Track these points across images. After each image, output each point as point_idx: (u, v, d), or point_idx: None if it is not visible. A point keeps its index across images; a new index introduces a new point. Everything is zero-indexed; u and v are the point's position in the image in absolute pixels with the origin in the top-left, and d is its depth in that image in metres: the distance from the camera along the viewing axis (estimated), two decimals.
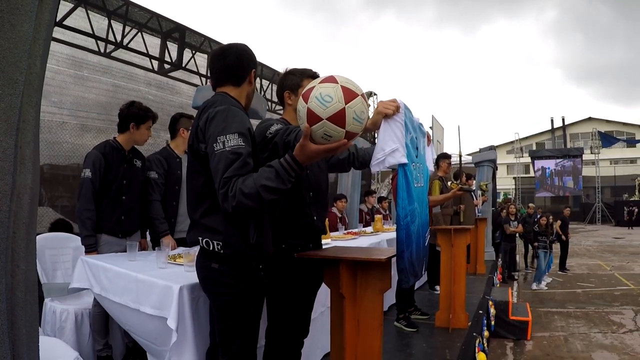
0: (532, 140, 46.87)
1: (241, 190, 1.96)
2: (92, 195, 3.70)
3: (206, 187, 2.19)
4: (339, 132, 1.94)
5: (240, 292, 2.22)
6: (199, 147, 2.19)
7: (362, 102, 1.97)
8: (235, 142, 2.05)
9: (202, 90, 4.85)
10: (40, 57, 1.19)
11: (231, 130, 2.07)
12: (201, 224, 2.23)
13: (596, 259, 15.12)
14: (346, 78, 2.02)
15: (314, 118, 1.94)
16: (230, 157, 2.01)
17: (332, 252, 2.67)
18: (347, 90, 1.95)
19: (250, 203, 1.97)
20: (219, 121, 2.10)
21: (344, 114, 1.92)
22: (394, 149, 2.26)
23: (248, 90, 2.43)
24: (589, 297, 10.38)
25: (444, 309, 5.15)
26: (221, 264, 2.21)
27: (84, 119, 7.84)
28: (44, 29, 1.20)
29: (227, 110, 2.14)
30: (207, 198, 2.20)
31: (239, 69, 2.39)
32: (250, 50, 2.42)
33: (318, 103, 1.93)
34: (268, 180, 1.97)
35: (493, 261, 10.44)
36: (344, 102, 1.92)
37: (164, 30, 9.01)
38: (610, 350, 6.79)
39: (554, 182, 37.50)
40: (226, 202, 2.00)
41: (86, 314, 3.82)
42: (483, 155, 11.06)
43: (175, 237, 4.11)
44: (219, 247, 2.18)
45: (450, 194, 5.61)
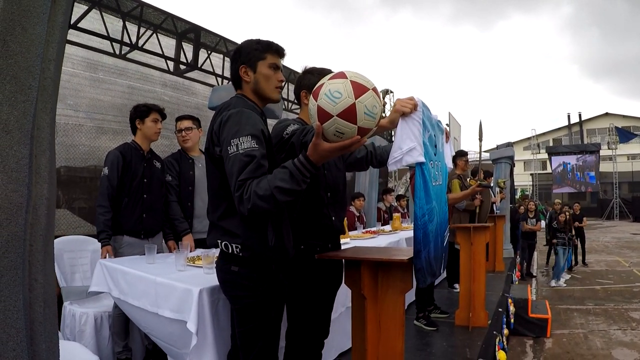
0: (549, 137, 46.47)
1: (256, 192, 1.94)
2: (107, 192, 3.75)
3: (222, 189, 2.18)
4: (351, 128, 1.90)
5: (260, 294, 2.21)
6: (214, 151, 2.18)
7: (373, 97, 1.93)
8: (249, 145, 2.03)
9: (218, 91, 4.85)
10: (54, 61, 1.15)
11: (244, 133, 2.06)
12: (220, 226, 2.23)
13: (614, 255, 14.94)
14: (356, 73, 1.98)
15: (324, 115, 1.90)
16: (244, 160, 2.01)
17: (352, 252, 2.65)
18: (357, 84, 1.91)
19: (265, 205, 1.96)
20: (232, 124, 2.09)
21: (354, 109, 1.87)
22: (412, 148, 2.22)
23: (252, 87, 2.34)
24: (608, 294, 10.25)
25: (464, 308, 5.12)
26: (241, 267, 2.20)
27: (100, 121, 7.87)
28: (57, 32, 1.16)
29: (240, 113, 2.12)
30: (224, 201, 2.20)
31: (234, 72, 2.38)
32: (239, 47, 2.38)
33: (327, 100, 1.89)
34: (282, 182, 1.94)
35: (512, 258, 10.36)
36: (353, 97, 1.87)
37: (179, 31, 9.02)
38: (631, 347, 6.71)
39: (577, 177, 37.14)
40: (242, 205, 1.99)
41: (105, 317, 3.83)
42: (500, 152, 10.97)
43: (194, 238, 4.12)
44: (237, 250, 2.17)
45: (469, 190, 5.56)
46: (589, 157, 36.40)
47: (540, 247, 14.88)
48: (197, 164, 4.28)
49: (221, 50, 9.97)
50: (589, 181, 36.62)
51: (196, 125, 4.38)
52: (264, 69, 2.31)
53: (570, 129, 45.73)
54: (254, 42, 2.33)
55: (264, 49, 2.31)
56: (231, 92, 4.61)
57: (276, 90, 2.38)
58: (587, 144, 39.72)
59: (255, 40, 2.34)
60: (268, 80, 2.33)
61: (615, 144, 36.52)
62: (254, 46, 2.31)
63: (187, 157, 4.30)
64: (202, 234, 4.20)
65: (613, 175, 36.42)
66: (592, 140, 41.95)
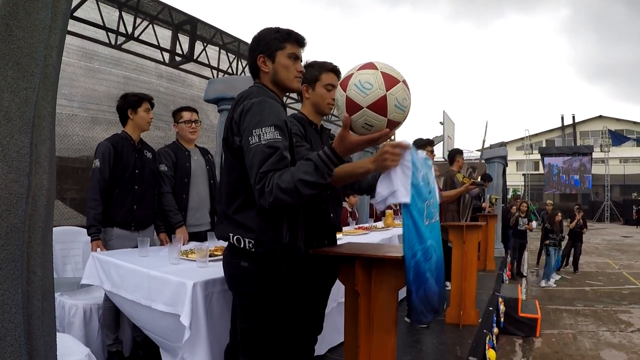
0: (542, 137, 46.59)
1: (278, 185, 1.87)
2: (98, 185, 3.69)
3: (240, 181, 2.11)
4: (380, 121, 1.88)
5: (270, 292, 2.15)
6: (234, 141, 2.10)
7: (403, 89, 1.90)
8: (272, 136, 1.96)
9: (215, 83, 4.83)
10: (56, 48, 1.12)
11: (267, 123, 1.98)
12: (234, 219, 2.14)
13: (605, 257, 15.04)
14: (385, 64, 1.95)
15: (353, 107, 1.87)
16: (266, 151, 1.93)
17: (347, 249, 2.64)
18: (388, 76, 1.88)
19: (288, 198, 1.89)
20: (255, 113, 2.01)
21: (385, 102, 1.85)
22: (393, 191, 2.14)
23: (271, 77, 2.27)
24: (597, 296, 10.33)
25: (455, 306, 5.13)
26: (251, 263, 2.14)
27: (95, 112, 7.84)
28: (60, 18, 1.13)
29: (263, 102, 2.05)
30: (241, 193, 2.12)
31: (252, 61, 2.30)
32: (258, 35, 2.28)
33: (357, 91, 1.86)
34: (306, 175, 1.88)
35: (502, 257, 10.40)
36: (384, 88, 1.85)
37: (176, 22, 9.00)
38: (619, 348, 6.77)
39: (562, 180, 37.34)
40: (262, 198, 1.92)
41: (95, 309, 3.80)
42: (494, 152, 11.02)
43: (187, 232, 4.08)
44: (250, 245, 2.10)
45: (462, 188, 5.59)
46: (575, 160, 36.56)
47: (531, 247, 14.93)
48: (193, 156, 4.26)
49: (217, 42, 9.95)
50: (573, 184, 36.80)
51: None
52: (282, 59, 2.23)
53: (563, 131, 45.86)
54: (273, 31, 2.25)
55: (284, 39, 2.24)
56: (228, 84, 4.64)
57: (296, 79, 2.30)
58: (580, 146, 39.87)
59: (274, 29, 2.26)
60: (287, 70, 2.25)
61: (608, 147, 36.71)
62: (273, 35, 2.24)
63: (183, 148, 4.26)
64: (196, 227, 4.19)
65: (605, 177, 36.63)
66: (585, 142, 42.13)
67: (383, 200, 2.17)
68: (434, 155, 5.67)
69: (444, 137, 16.32)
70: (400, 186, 2.13)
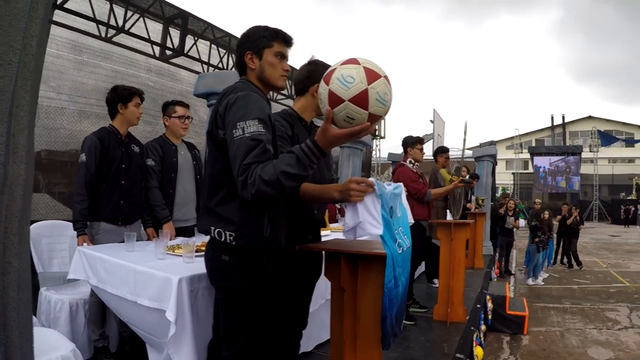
0: (532, 137, 46.83)
1: (261, 177, 1.90)
2: (84, 180, 3.65)
3: (223, 174, 2.13)
4: (361, 114, 1.89)
5: (251, 286, 2.18)
6: (218, 134, 2.12)
7: (385, 84, 1.92)
8: (255, 129, 1.99)
9: (204, 78, 4.79)
10: (37, 38, 1.10)
11: (251, 116, 2.01)
12: (215, 212, 2.16)
13: (592, 256, 15.16)
14: (368, 59, 1.97)
15: (335, 100, 1.89)
16: (250, 144, 1.96)
17: (333, 245, 2.64)
18: (370, 71, 1.90)
19: (271, 190, 1.91)
20: (239, 107, 2.04)
21: (366, 95, 1.87)
22: (359, 222, 2.16)
23: (257, 74, 2.29)
24: (584, 294, 10.42)
25: (443, 303, 5.15)
26: (232, 257, 2.15)
27: (83, 105, 7.77)
28: (42, 7, 1.11)
29: (247, 96, 2.08)
30: (223, 186, 2.14)
31: (239, 57, 2.33)
32: (246, 32, 2.31)
33: (340, 84, 1.88)
34: (289, 167, 1.90)
35: (491, 255, 10.45)
36: (366, 82, 1.87)
37: (167, 16, 8.94)
38: (605, 346, 6.83)
39: (548, 181, 37.64)
40: (245, 190, 1.94)
41: (81, 304, 3.77)
42: (483, 150, 11.03)
43: (174, 227, 4.05)
44: (231, 238, 2.11)
45: (451, 186, 5.60)
46: (561, 162, 36.85)
47: (520, 245, 15.01)
48: (180, 151, 4.23)
49: (208, 37, 9.90)
50: (557, 185, 37.12)
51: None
52: (269, 56, 2.27)
53: (553, 131, 46.14)
54: (262, 29, 2.28)
55: (271, 37, 2.27)
56: (218, 79, 4.61)
57: (281, 78, 2.33)
58: (569, 145, 40.16)
59: (263, 27, 2.29)
60: (274, 68, 2.29)
61: (597, 147, 37.00)
62: (262, 33, 2.27)
63: (170, 143, 4.22)
64: (182, 222, 4.17)
65: (594, 177, 36.92)
66: (575, 142, 42.42)
67: (351, 230, 2.21)
68: (423, 153, 5.67)
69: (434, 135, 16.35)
70: (368, 217, 2.16)
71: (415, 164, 5.51)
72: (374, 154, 24.21)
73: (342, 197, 2.22)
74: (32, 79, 1.13)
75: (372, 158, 23.50)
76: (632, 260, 15.42)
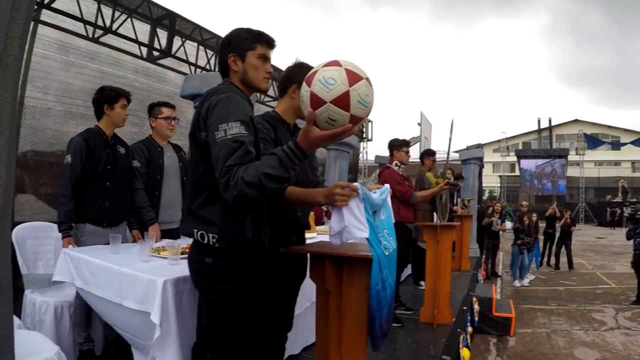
0: (519, 140, 47.10)
1: (243, 179, 1.90)
2: (70, 181, 3.63)
3: (206, 176, 2.13)
4: (343, 115, 1.90)
5: (233, 288, 2.17)
6: (200, 136, 2.13)
7: (366, 85, 1.93)
8: (238, 130, 1.99)
9: (191, 79, 4.79)
10: (19, 39, 1.10)
11: (233, 118, 2.01)
12: (198, 214, 2.16)
13: (578, 258, 15.25)
14: (350, 62, 1.98)
15: (317, 102, 1.90)
16: (232, 146, 1.96)
17: (317, 247, 2.64)
18: (351, 73, 1.91)
19: (253, 192, 1.92)
20: (221, 109, 2.04)
21: (348, 97, 1.88)
22: (345, 226, 2.19)
23: (240, 76, 2.30)
24: (571, 295, 10.48)
25: (429, 305, 5.16)
26: (215, 259, 2.15)
27: (69, 106, 7.71)
28: (24, 8, 1.11)
29: (230, 98, 2.08)
30: (206, 188, 2.15)
31: (222, 59, 2.34)
32: (229, 35, 2.32)
33: (321, 86, 1.89)
34: (271, 168, 1.91)
35: (477, 258, 10.48)
36: (348, 84, 1.88)
37: (155, 17, 8.91)
38: (592, 347, 6.87)
39: (534, 184, 37.95)
40: (227, 192, 1.94)
41: (66, 306, 3.75)
42: (470, 153, 11.07)
43: (159, 229, 4.04)
44: (214, 240, 2.11)
45: (437, 188, 5.62)
46: (547, 166, 37.19)
47: (506, 247, 15.08)
48: (166, 153, 4.22)
49: (196, 38, 9.88)
50: (545, 189, 37.48)
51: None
52: (253, 59, 2.28)
53: (540, 134, 46.42)
54: (245, 32, 2.29)
55: (255, 39, 2.28)
56: (204, 81, 4.60)
57: (265, 80, 2.35)
58: (556, 148, 40.51)
59: (245, 30, 2.30)
60: (257, 71, 2.30)
61: (583, 150, 37.33)
62: (245, 35, 2.28)
63: (156, 145, 4.21)
64: (168, 224, 4.16)
65: (580, 180, 37.23)
66: (561, 145, 42.75)
67: (337, 234, 2.22)
68: (409, 155, 5.69)
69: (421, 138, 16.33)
70: (353, 221, 2.18)
71: (401, 166, 5.53)
72: (361, 156, 24.21)
73: (327, 201, 2.25)
74: (13, 79, 1.12)
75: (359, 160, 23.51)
76: (618, 262, 15.51)
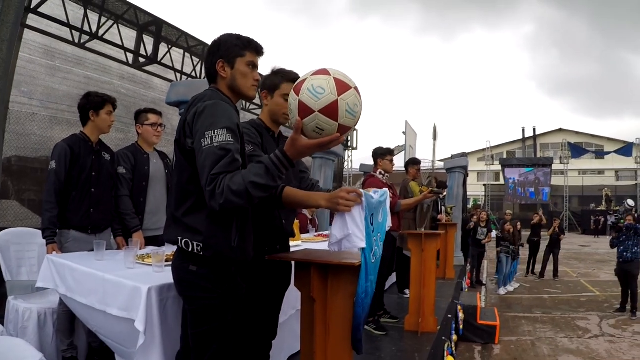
0: (503, 149, 47.43)
1: (229, 187, 1.88)
2: (54, 187, 3.62)
3: (191, 183, 2.11)
4: (331, 125, 1.90)
5: (218, 296, 2.15)
6: (186, 142, 2.10)
7: (355, 95, 1.93)
8: (224, 138, 1.96)
9: (177, 86, 4.79)
10: (7, 42, 1.10)
11: (220, 125, 1.99)
12: (182, 222, 2.14)
13: (563, 266, 15.32)
14: (339, 70, 1.98)
15: (305, 110, 1.89)
16: (218, 153, 1.93)
17: (303, 255, 2.63)
18: (340, 82, 1.91)
19: (239, 201, 1.90)
20: (208, 116, 2.02)
21: (336, 106, 1.88)
22: (347, 235, 2.17)
23: (228, 83, 2.28)
24: (555, 303, 10.56)
25: (414, 313, 5.17)
26: (200, 267, 2.13)
27: (54, 111, 7.68)
28: (13, 12, 1.12)
29: (216, 105, 2.06)
30: (191, 195, 2.13)
31: (210, 65, 2.31)
32: (218, 40, 2.30)
33: (310, 95, 1.89)
34: (257, 177, 1.89)
35: (462, 266, 10.53)
36: (336, 94, 1.88)
37: (141, 23, 8.91)
38: (577, 354, 6.92)
39: (518, 192, 38.27)
40: (213, 200, 1.92)
41: (50, 313, 3.71)
42: (455, 162, 11.14)
43: (144, 236, 4.02)
44: (198, 248, 2.10)
45: (421, 196, 5.66)
46: (530, 175, 37.56)
47: (491, 255, 15.16)
48: (152, 160, 4.21)
49: (182, 45, 9.88)
50: (529, 197, 37.83)
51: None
52: (241, 66, 2.26)
53: (524, 143, 46.78)
54: (234, 38, 2.27)
55: (244, 46, 2.26)
56: (190, 88, 4.61)
57: (253, 87, 2.32)
58: (540, 157, 40.88)
59: (235, 36, 2.28)
60: (245, 78, 2.28)
61: (568, 159, 37.70)
62: (234, 42, 2.26)
63: (142, 151, 4.21)
64: (153, 231, 4.14)
65: (564, 189, 37.57)
66: (546, 154, 43.13)
67: (337, 242, 2.20)
68: (393, 164, 5.72)
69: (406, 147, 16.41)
70: (355, 230, 2.16)
71: (386, 175, 5.55)
72: (346, 164, 24.26)
73: (330, 205, 2.24)
74: (2, 83, 1.12)
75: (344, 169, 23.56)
76: (602, 269, 15.67)
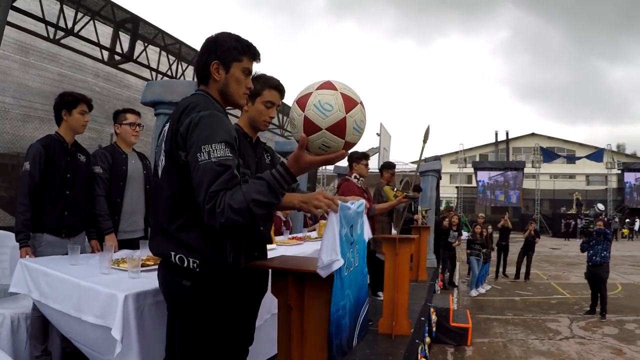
0: (476, 152, 47.98)
1: (230, 205, 1.79)
2: (28, 189, 3.56)
3: (184, 198, 2.01)
4: (338, 142, 1.86)
5: (213, 311, 2.10)
6: (179, 155, 1.99)
7: (361, 111, 1.91)
8: (222, 153, 1.87)
9: (153, 86, 4.73)
10: None
11: (217, 139, 1.89)
12: (175, 237, 2.05)
13: (534, 269, 15.48)
14: (344, 84, 1.94)
15: (312, 127, 1.85)
16: (216, 170, 1.84)
17: (280, 262, 2.63)
18: (348, 97, 1.88)
19: (241, 219, 1.81)
20: (204, 128, 1.91)
21: (344, 124, 1.84)
22: (334, 260, 2.08)
23: (221, 87, 2.18)
24: (526, 305, 10.72)
25: (387, 316, 5.18)
26: (194, 282, 2.06)
27: (27, 108, 7.55)
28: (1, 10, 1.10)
29: (212, 116, 1.95)
30: (185, 211, 2.03)
31: (203, 64, 2.18)
32: (215, 39, 2.16)
33: (317, 111, 1.84)
34: (259, 194, 1.81)
35: (435, 268, 10.61)
36: (344, 111, 1.85)
37: (117, 20, 8.81)
38: (547, 356, 7.04)
39: (487, 195, 38.78)
40: (213, 219, 1.83)
41: (23, 318, 3.65)
42: (428, 165, 11.19)
43: (118, 238, 3.98)
44: (194, 265, 2.03)
45: (395, 201, 5.70)
46: (500, 177, 38.11)
47: (463, 257, 15.32)
48: (130, 160, 4.17)
49: (159, 43, 9.80)
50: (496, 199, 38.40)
51: None
52: (237, 71, 2.16)
53: (497, 146, 47.36)
54: (233, 39, 2.15)
55: (243, 51, 2.16)
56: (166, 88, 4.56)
57: (244, 96, 2.24)
58: (512, 161, 41.48)
59: (234, 37, 2.17)
60: (239, 85, 2.18)
61: (539, 163, 38.31)
62: (233, 44, 2.14)
63: (120, 151, 4.16)
64: (129, 234, 4.10)
65: (535, 192, 38.16)
66: (518, 158, 43.73)
67: (326, 266, 2.11)
68: (368, 168, 5.75)
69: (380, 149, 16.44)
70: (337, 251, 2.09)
71: (360, 178, 5.58)
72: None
73: (303, 206, 2.18)
74: None
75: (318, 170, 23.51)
76: (572, 272, 15.99)
